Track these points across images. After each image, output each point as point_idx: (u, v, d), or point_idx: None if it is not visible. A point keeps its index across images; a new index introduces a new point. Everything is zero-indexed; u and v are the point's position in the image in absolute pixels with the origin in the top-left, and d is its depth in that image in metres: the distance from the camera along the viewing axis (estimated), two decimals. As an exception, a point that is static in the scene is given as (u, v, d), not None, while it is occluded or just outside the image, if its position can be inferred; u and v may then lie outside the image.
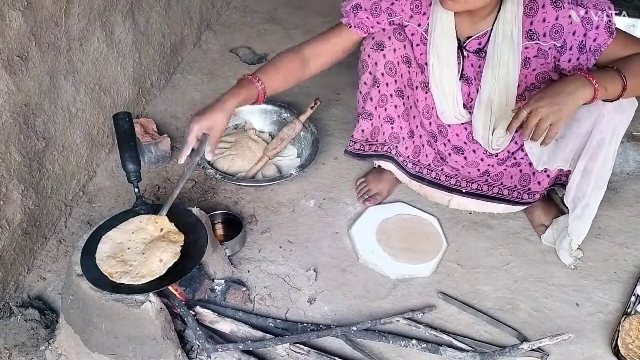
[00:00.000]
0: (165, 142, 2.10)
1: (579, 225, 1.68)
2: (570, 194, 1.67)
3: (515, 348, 1.53)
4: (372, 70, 1.73)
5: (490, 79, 1.60)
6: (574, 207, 1.67)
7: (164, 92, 2.47)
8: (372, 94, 1.77)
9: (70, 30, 1.77)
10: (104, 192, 2.00)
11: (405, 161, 1.89)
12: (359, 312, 1.68)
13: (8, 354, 1.50)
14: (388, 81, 1.74)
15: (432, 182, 1.90)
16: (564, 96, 1.38)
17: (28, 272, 1.71)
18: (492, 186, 1.85)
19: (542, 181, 1.77)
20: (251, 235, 1.89)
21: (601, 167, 1.58)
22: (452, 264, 1.83)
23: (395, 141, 1.86)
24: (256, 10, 3.08)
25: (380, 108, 1.79)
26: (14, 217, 1.61)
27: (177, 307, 1.51)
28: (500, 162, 1.80)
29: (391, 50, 1.68)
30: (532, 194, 1.81)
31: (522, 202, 1.85)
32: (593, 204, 1.64)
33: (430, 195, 1.96)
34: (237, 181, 2.03)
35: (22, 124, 1.61)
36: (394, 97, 1.77)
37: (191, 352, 1.51)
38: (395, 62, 1.70)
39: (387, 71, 1.71)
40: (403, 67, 1.72)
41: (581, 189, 1.63)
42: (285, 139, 2.11)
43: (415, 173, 1.90)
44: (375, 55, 1.70)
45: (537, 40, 1.55)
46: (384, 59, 1.69)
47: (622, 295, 1.74)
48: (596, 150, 1.56)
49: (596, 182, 1.61)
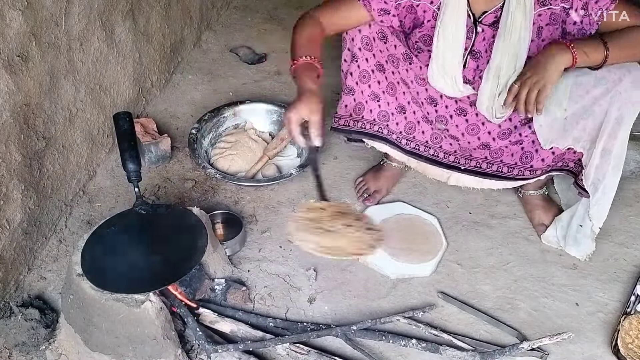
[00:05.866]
0: (166, 141, 2.10)
1: (601, 208, 1.68)
2: (590, 177, 1.65)
3: (515, 347, 1.53)
4: (350, 45, 1.75)
5: (501, 46, 1.60)
6: (594, 190, 1.66)
7: (164, 92, 2.47)
8: (351, 69, 1.78)
9: (70, 30, 1.77)
10: (104, 192, 2.00)
11: (398, 138, 1.86)
12: (359, 311, 1.68)
13: (8, 353, 1.50)
14: (367, 56, 1.75)
15: (429, 159, 1.87)
16: (544, 64, 1.51)
17: (28, 272, 1.72)
18: (492, 163, 1.82)
19: (546, 158, 1.75)
20: (251, 234, 1.90)
21: (621, 144, 1.58)
22: (452, 264, 1.83)
23: (384, 119, 1.83)
24: (256, 10, 3.08)
25: (363, 84, 1.79)
26: (14, 217, 1.61)
27: (177, 307, 1.51)
28: (502, 135, 1.77)
29: (366, 26, 1.71)
30: (534, 171, 1.78)
31: (522, 178, 1.82)
32: (613, 185, 1.64)
33: (429, 172, 1.94)
34: (237, 181, 2.03)
35: (23, 124, 1.61)
36: (376, 73, 1.77)
37: (191, 352, 1.51)
38: (371, 38, 1.72)
39: (363, 46, 1.73)
40: (380, 44, 1.73)
41: (601, 170, 1.63)
42: (286, 139, 2.11)
43: (411, 150, 1.87)
44: (352, 31, 1.73)
45: (549, 5, 1.57)
46: (359, 34, 1.72)
47: (622, 295, 1.74)
48: (615, 128, 1.56)
49: (615, 161, 1.60)
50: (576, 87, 1.60)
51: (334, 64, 2.52)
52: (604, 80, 1.55)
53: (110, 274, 1.42)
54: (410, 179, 2.11)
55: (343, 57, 1.80)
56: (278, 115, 2.28)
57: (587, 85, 1.58)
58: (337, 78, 2.24)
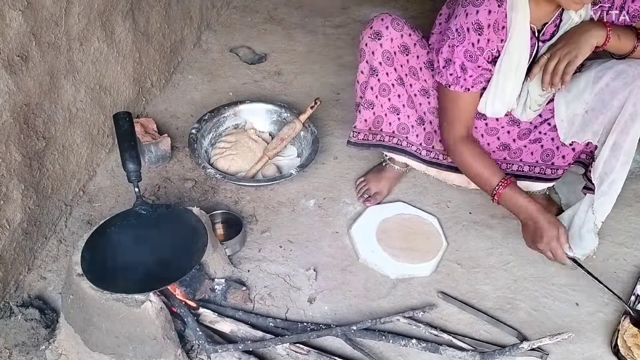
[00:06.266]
0: (166, 141, 2.10)
1: (605, 202, 1.67)
2: (598, 169, 1.64)
3: (515, 347, 1.53)
4: (369, 59, 1.73)
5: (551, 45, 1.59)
6: (600, 183, 1.65)
7: (164, 91, 2.47)
8: (371, 83, 1.77)
9: (70, 30, 1.77)
10: (104, 192, 2.00)
11: (418, 149, 1.87)
12: (359, 311, 1.68)
13: (8, 353, 1.50)
14: (387, 71, 1.73)
15: (449, 166, 1.88)
16: (577, 36, 1.51)
17: (28, 272, 1.72)
18: (511, 164, 1.81)
19: (567, 155, 1.74)
20: (251, 234, 1.90)
21: (632, 140, 1.57)
22: (452, 264, 1.83)
23: (404, 132, 1.84)
24: (256, 10, 3.08)
25: (382, 97, 1.78)
26: (14, 217, 1.61)
27: (177, 307, 1.51)
28: (521, 135, 1.77)
29: (388, 40, 1.68)
30: (555, 169, 1.78)
31: (544, 179, 1.81)
32: (619, 180, 1.63)
33: (449, 179, 1.94)
34: (237, 181, 2.03)
35: (23, 124, 1.61)
36: (396, 87, 1.76)
37: (191, 352, 1.51)
38: (392, 52, 1.70)
39: (384, 60, 1.72)
40: (401, 57, 1.72)
41: (610, 164, 1.61)
42: (285, 139, 2.11)
43: (430, 160, 1.88)
44: (373, 44, 1.70)
45: (600, 3, 1.56)
46: (380, 48, 1.70)
47: (622, 295, 1.74)
48: (628, 123, 1.55)
49: (625, 157, 1.59)
50: (597, 81, 1.59)
51: (334, 63, 2.51)
52: (624, 74, 1.55)
53: (110, 274, 1.42)
54: (410, 179, 2.11)
55: (360, 69, 1.77)
56: (278, 115, 2.28)
57: (606, 79, 1.57)
58: (338, 78, 2.25)
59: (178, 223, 1.56)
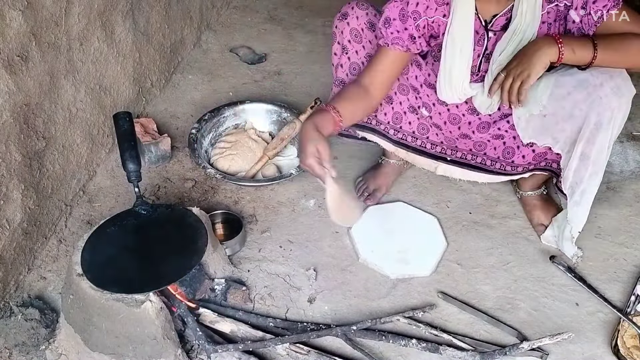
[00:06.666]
0: (166, 141, 2.10)
1: (578, 212, 1.68)
2: (568, 180, 1.65)
3: (515, 347, 1.53)
4: (340, 39, 1.77)
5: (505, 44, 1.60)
6: (572, 193, 1.66)
7: (164, 91, 2.47)
8: (342, 61, 1.79)
9: (70, 30, 1.77)
10: (104, 192, 2.00)
11: (386, 128, 1.86)
12: (359, 311, 1.68)
13: (8, 353, 1.50)
14: (357, 49, 1.76)
15: (417, 149, 1.87)
16: (529, 55, 1.51)
17: (28, 272, 1.72)
18: (476, 155, 1.83)
19: (527, 155, 1.76)
20: (251, 234, 1.90)
21: (599, 151, 1.57)
22: (452, 264, 1.83)
23: None
24: (256, 10, 3.08)
25: (352, 76, 1.79)
26: (14, 217, 1.61)
27: (177, 307, 1.51)
28: (480, 128, 1.79)
29: (354, 18, 1.73)
30: (515, 167, 1.79)
31: (504, 173, 1.82)
32: (591, 190, 1.63)
33: (417, 162, 1.93)
34: (237, 181, 2.03)
35: (23, 124, 1.61)
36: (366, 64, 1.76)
37: (191, 352, 1.51)
38: (360, 29, 1.74)
39: (353, 38, 1.75)
40: (368, 33, 1.75)
41: (579, 174, 1.62)
42: (285, 139, 2.11)
43: (398, 140, 1.87)
44: (341, 24, 1.75)
45: (556, 2, 1.56)
46: (348, 26, 1.74)
47: (621, 295, 1.74)
48: (594, 133, 1.55)
49: (593, 167, 1.59)
50: (557, 87, 1.58)
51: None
52: (585, 84, 1.53)
53: (110, 273, 1.42)
54: (411, 179, 2.11)
55: (333, 51, 1.81)
56: (278, 115, 2.28)
57: (568, 86, 1.56)
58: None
59: (178, 223, 1.55)
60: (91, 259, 1.44)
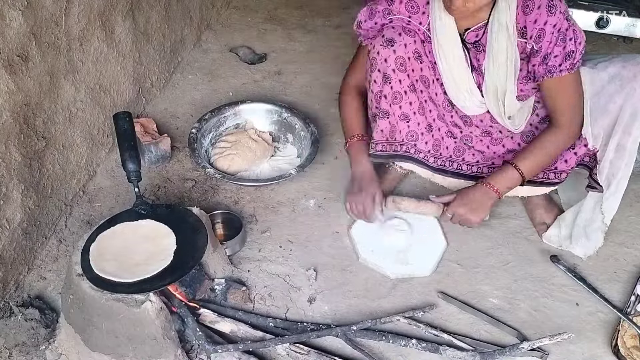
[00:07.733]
0: (166, 141, 2.10)
1: (613, 202, 1.71)
2: (604, 172, 1.69)
3: (515, 347, 1.53)
4: (382, 67, 1.71)
5: (491, 68, 1.64)
6: (608, 184, 1.69)
7: (164, 91, 2.47)
8: (384, 92, 1.74)
9: (70, 30, 1.77)
10: (104, 192, 2.00)
11: (426, 157, 1.86)
12: (359, 311, 1.68)
13: (8, 353, 1.50)
14: (400, 77, 1.72)
15: (455, 173, 1.89)
16: (475, 204, 1.72)
17: (28, 272, 1.72)
18: None
19: (570, 159, 1.76)
20: (251, 234, 1.90)
21: (634, 141, 1.61)
22: (452, 264, 1.83)
23: (413, 139, 1.82)
24: (256, 10, 3.08)
25: (394, 105, 1.76)
26: (14, 217, 1.61)
27: (177, 307, 1.51)
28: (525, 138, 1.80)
29: (402, 46, 1.68)
30: (559, 173, 1.79)
31: (547, 183, 1.81)
32: (625, 179, 1.68)
33: (454, 185, 1.92)
34: (237, 181, 2.03)
35: (23, 124, 1.61)
36: (408, 94, 1.75)
37: (191, 352, 1.51)
38: (406, 58, 1.69)
39: (398, 67, 1.70)
40: (415, 63, 1.71)
41: (615, 165, 1.66)
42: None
43: (438, 167, 1.88)
44: (385, 51, 1.69)
45: (525, 39, 1.58)
46: (394, 54, 1.68)
47: (621, 295, 1.74)
48: (629, 123, 1.59)
49: (629, 157, 1.64)
50: (592, 84, 1.63)
51: (334, 63, 2.51)
52: (617, 78, 1.59)
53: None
54: (411, 179, 2.11)
55: (373, 78, 1.74)
56: (278, 115, 2.28)
57: (602, 81, 1.62)
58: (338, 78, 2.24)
59: (178, 223, 1.55)
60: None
